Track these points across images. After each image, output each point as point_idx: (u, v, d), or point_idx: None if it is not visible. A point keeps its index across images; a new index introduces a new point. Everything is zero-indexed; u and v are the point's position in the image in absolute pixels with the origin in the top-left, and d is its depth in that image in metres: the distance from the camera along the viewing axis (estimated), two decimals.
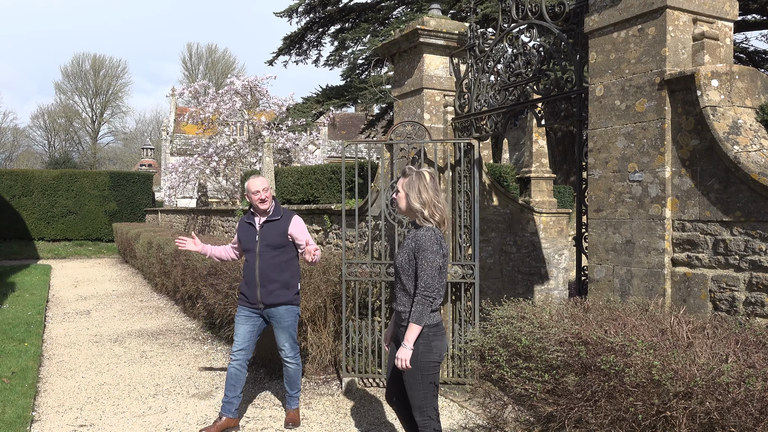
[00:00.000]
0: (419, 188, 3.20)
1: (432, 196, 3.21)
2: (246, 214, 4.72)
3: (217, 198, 23.31)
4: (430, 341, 3.15)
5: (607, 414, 2.69)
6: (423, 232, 3.17)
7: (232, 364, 4.54)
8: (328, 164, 11.37)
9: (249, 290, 4.55)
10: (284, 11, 16.24)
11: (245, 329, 4.56)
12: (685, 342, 2.74)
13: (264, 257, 4.52)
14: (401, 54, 5.99)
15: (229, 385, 4.52)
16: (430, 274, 3.08)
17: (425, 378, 3.15)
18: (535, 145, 10.02)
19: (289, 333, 4.58)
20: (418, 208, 3.20)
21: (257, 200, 4.54)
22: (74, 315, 9.36)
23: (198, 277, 7.72)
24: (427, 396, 3.17)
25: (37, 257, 20.27)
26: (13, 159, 55.66)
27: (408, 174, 3.27)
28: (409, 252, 3.18)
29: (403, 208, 3.28)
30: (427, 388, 3.16)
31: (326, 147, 38.18)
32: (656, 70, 3.66)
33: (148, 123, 63.86)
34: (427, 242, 3.11)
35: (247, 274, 4.57)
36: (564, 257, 8.80)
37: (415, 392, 3.16)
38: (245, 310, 4.59)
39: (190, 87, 23.69)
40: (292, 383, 4.68)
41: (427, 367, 3.14)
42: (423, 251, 3.10)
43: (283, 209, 4.68)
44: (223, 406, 4.52)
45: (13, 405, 4.88)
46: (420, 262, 3.10)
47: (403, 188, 3.26)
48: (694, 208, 3.56)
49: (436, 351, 3.16)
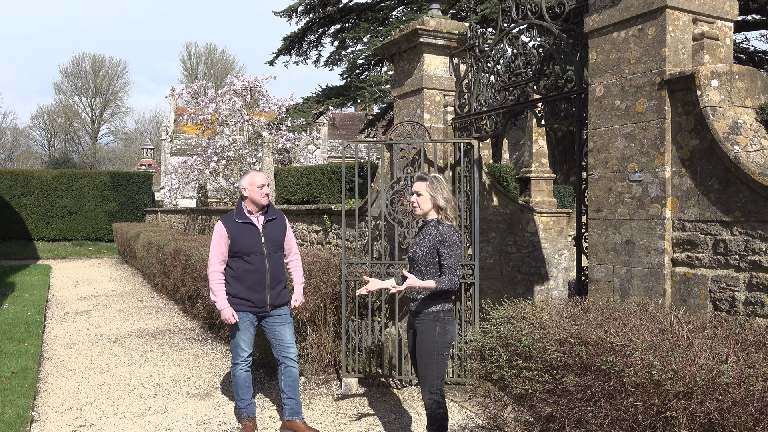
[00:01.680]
0: (442, 189, 3.64)
1: (450, 196, 3.68)
2: (233, 214, 4.41)
3: (217, 198, 23.32)
4: (445, 325, 3.59)
5: (607, 414, 2.69)
6: (445, 228, 3.59)
7: (242, 368, 4.42)
8: (328, 164, 11.38)
9: (256, 294, 4.34)
10: (284, 11, 16.24)
11: (250, 334, 4.44)
12: (685, 342, 2.74)
13: (273, 258, 4.40)
14: (401, 54, 5.99)
15: (245, 389, 4.45)
16: (455, 264, 3.54)
17: (440, 357, 3.57)
18: (535, 145, 10.02)
19: (292, 330, 4.54)
20: (444, 206, 3.63)
21: (262, 195, 4.34)
22: (74, 315, 9.36)
23: (198, 277, 7.71)
24: (439, 374, 3.58)
25: (36, 257, 20.27)
26: (13, 159, 55.66)
27: (427, 178, 3.68)
28: (431, 246, 3.58)
29: (426, 209, 3.67)
30: (440, 366, 3.57)
31: (326, 147, 38.19)
32: (656, 70, 3.66)
33: (148, 123, 63.93)
34: (453, 236, 3.57)
35: (253, 277, 4.33)
36: (564, 257, 8.80)
37: (430, 370, 3.57)
38: (249, 315, 4.39)
39: (189, 87, 23.70)
40: (293, 387, 4.47)
41: (442, 348, 3.57)
42: (450, 245, 3.53)
43: (277, 209, 4.61)
44: (246, 408, 4.48)
45: (13, 405, 4.87)
46: (446, 254, 3.53)
47: (428, 191, 3.64)
48: (694, 208, 3.56)
49: (449, 334, 3.62)
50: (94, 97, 57.06)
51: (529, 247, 8.22)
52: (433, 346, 3.56)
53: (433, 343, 3.56)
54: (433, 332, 3.56)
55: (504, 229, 7.97)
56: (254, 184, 4.36)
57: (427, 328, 3.58)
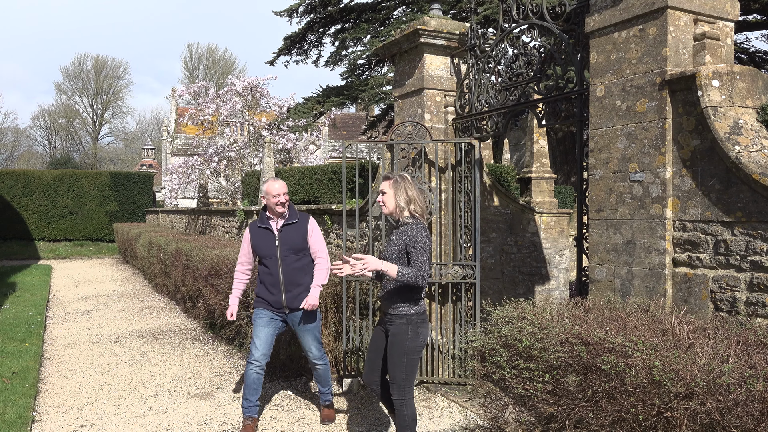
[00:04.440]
0: (405, 188, 3.66)
1: (415, 194, 3.68)
2: (257, 220, 4.63)
3: (218, 198, 23.33)
4: (417, 328, 3.59)
5: (607, 414, 2.69)
6: (412, 226, 3.61)
7: (253, 368, 4.41)
8: (328, 164, 11.38)
9: (273, 296, 4.48)
10: (284, 11, 16.25)
11: (267, 332, 4.49)
12: (686, 342, 2.74)
13: (286, 262, 4.48)
14: (402, 54, 5.99)
15: (252, 390, 4.43)
16: (422, 260, 3.51)
17: (411, 361, 3.57)
18: (535, 146, 10.02)
19: (314, 335, 4.58)
20: (404, 205, 3.66)
21: (276, 203, 4.45)
22: (75, 315, 9.36)
23: (198, 278, 7.72)
24: (408, 377, 3.57)
25: (37, 257, 20.28)
26: (14, 159, 55.68)
27: (391, 177, 3.73)
28: (400, 245, 3.60)
29: (392, 207, 3.71)
30: (409, 369, 3.58)
31: (327, 147, 38.20)
32: (657, 71, 3.65)
33: (149, 123, 63.93)
34: (419, 234, 3.56)
35: (269, 279, 4.48)
36: (565, 257, 8.80)
37: (399, 372, 3.57)
38: (266, 312, 4.51)
39: (189, 88, 23.72)
40: (323, 381, 4.69)
41: (413, 351, 3.58)
42: (416, 241, 3.54)
43: (300, 213, 4.66)
44: (250, 408, 4.46)
45: (14, 405, 4.88)
46: (413, 250, 3.54)
47: (391, 189, 3.68)
48: (695, 208, 3.55)
49: (421, 337, 3.61)
50: (96, 97, 57.09)
51: (529, 247, 8.21)
52: (404, 349, 3.56)
53: (404, 346, 3.56)
54: (405, 335, 3.57)
55: (505, 230, 7.97)
56: (270, 194, 4.48)
57: (399, 330, 3.58)
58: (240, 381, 5.78)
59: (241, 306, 6.41)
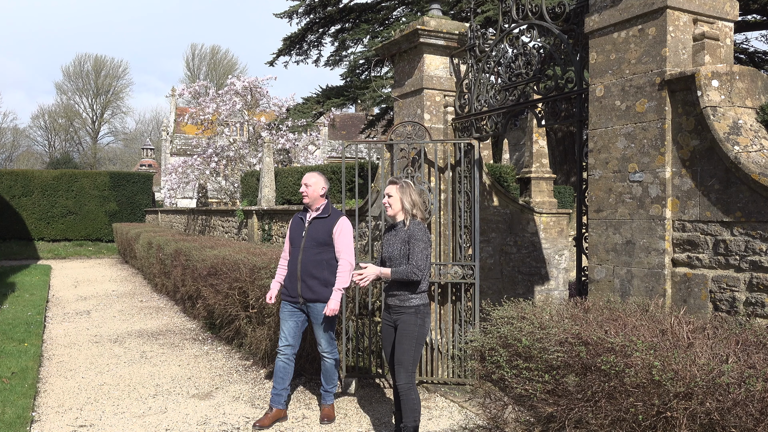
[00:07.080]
0: (410, 193, 4.01)
1: (418, 199, 4.04)
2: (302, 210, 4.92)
3: (217, 198, 23.32)
4: (424, 317, 3.96)
5: (607, 414, 2.69)
6: (415, 225, 3.97)
7: (280, 358, 4.64)
8: (328, 164, 11.38)
9: (291, 284, 4.68)
10: (284, 12, 16.26)
11: (291, 325, 4.68)
12: (685, 342, 2.74)
13: (307, 253, 4.63)
14: (401, 54, 5.99)
15: (278, 378, 4.64)
16: (421, 257, 3.87)
17: (418, 346, 3.94)
18: (535, 146, 10.02)
19: (325, 328, 4.67)
20: (410, 208, 4.01)
21: (302, 192, 4.73)
22: (74, 315, 9.36)
23: (198, 278, 7.72)
24: (414, 360, 3.93)
25: (37, 257, 20.27)
26: (14, 159, 55.66)
27: (397, 182, 4.06)
28: (402, 243, 3.95)
29: (396, 210, 4.05)
30: (416, 354, 3.94)
31: (326, 147, 38.20)
32: (656, 71, 3.66)
33: (148, 123, 63.90)
34: (420, 233, 3.93)
35: (291, 267, 4.71)
36: (564, 257, 8.80)
37: (407, 356, 3.90)
38: (288, 305, 4.70)
39: (189, 87, 23.72)
40: (328, 377, 4.78)
41: (421, 337, 3.95)
42: (416, 240, 3.89)
43: (334, 210, 4.78)
44: (273, 398, 4.66)
45: (13, 405, 4.87)
46: (413, 247, 3.89)
47: (398, 193, 4.02)
48: (695, 208, 3.56)
49: (426, 325, 3.99)
50: (95, 97, 57.08)
51: (529, 247, 8.22)
52: (413, 334, 3.92)
53: (414, 332, 3.92)
54: (414, 324, 3.93)
55: (504, 230, 7.97)
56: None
57: (408, 319, 3.93)
58: (239, 381, 5.78)
59: (231, 304, 6.41)
